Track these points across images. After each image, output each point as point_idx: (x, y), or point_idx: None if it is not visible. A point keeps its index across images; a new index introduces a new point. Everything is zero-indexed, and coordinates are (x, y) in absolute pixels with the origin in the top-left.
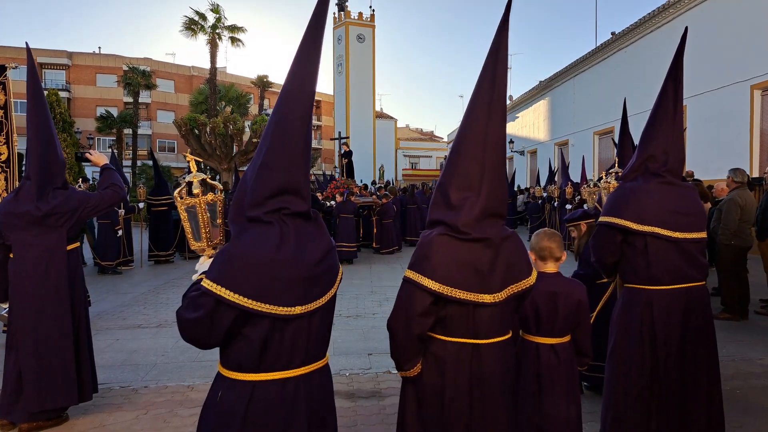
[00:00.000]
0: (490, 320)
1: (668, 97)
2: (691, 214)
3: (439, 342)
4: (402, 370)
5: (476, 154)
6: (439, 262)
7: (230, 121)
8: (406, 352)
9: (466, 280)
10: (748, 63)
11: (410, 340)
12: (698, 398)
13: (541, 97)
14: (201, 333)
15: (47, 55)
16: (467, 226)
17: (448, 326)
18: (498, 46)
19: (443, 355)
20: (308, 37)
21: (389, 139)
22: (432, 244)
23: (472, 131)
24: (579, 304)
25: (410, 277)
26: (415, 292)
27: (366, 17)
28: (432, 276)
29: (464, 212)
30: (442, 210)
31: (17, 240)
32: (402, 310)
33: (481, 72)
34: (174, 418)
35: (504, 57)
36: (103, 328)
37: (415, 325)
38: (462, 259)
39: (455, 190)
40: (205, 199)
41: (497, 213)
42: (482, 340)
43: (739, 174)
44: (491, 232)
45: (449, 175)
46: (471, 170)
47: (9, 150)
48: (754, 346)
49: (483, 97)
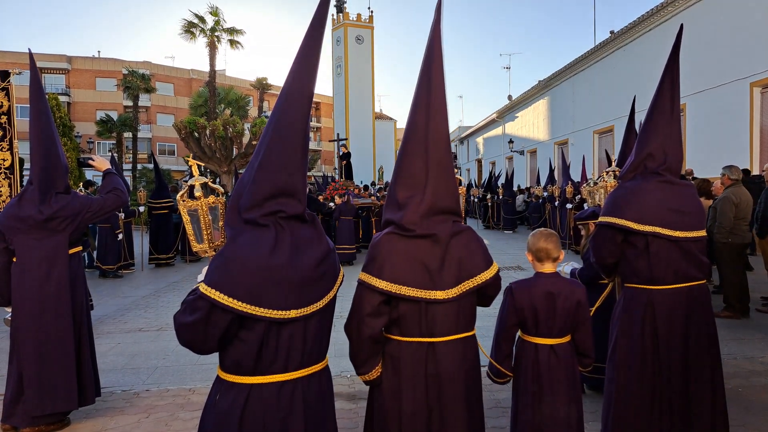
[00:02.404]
0: (445, 318)
1: (665, 95)
2: (691, 213)
3: (395, 343)
4: (360, 374)
5: (419, 152)
6: (387, 261)
7: (230, 123)
8: (361, 355)
9: (415, 277)
10: (747, 60)
11: (363, 342)
12: (702, 397)
13: (541, 97)
14: (196, 336)
15: (47, 59)
16: (412, 223)
17: (402, 326)
18: (432, 43)
19: (399, 356)
20: (308, 40)
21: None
22: (380, 244)
23: (414, 131)
24: (578, 305)
25: (362, 279)
26: (365, 293)
27: (364, 18)
28: (380, 275)
29: (410, 210)
30: (391, 210)
31: (20, 244)
32: (354, 311)
33: (420, 71)
34: (175, 421)
35: (439, 53)
36: (104, 332)
37: (365, 326)
38: (410, 257)
39: (402, 189)
40: (207, 202)
41: (446, 210)
42: (438, 338)
43: (734, 171)
44: (439, 228)
45: (396, 176)
46: (415, 169)
47: (12, 156)
48: (756, 344)
49: (422, 97)
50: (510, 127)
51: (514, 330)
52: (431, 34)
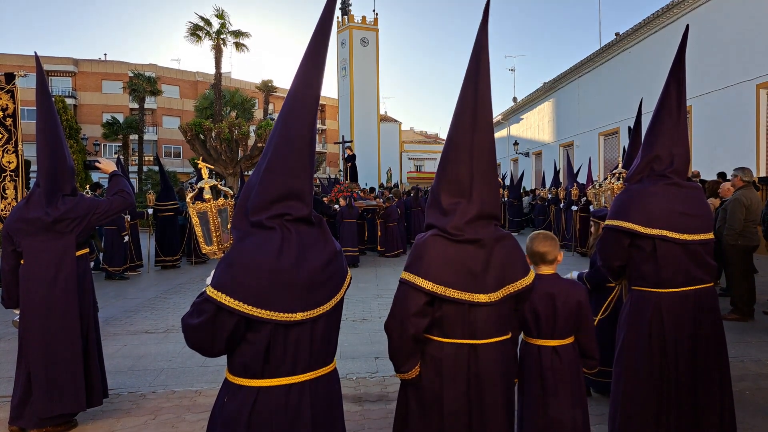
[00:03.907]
0: (487, 320)
1: (671, 96)
2: (698, 216)
3: (436, 343)
4: (400, 372)
5: (464, 160)
6: (433, 262)
7: (235, 126)
8: (403, 353)
9: (460, 280)
10: (753, 62)
11: (406, 341)
12: (709, 400)
13: (546, 99)
14: (203, 339)
15: (53, 62)
16: (458, 228)
17: (444, 327)
18: (480, 49)
19: (440, 357)
20: (314, 43)
21: (394, 142)
22: (426, 246)
23: (459, 139)
24: (579, 306)
25: (405, 278)
26: (409, 293)
27: (369, 21)
28: (426, 276)
29: (456, 217)
30: (435, 215)
31: (28, 246)
32: (397, 310)
33: (464, 79)
34: (182, 423)
35: (486, 62)
36: (110, 334)
37: (410, 325)
38: (455, 260)
39: (446, 195)
40: (216, 204)
41: (490, 215)
42: (479, 340)
43: (747, 173)
44: (484, 233)
45: (440, 182)
46: (460, 177)
47: (18, 158)
48: (763, 346)
49: (468, 105)
50: (515, 129)
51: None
52: (476, 45)
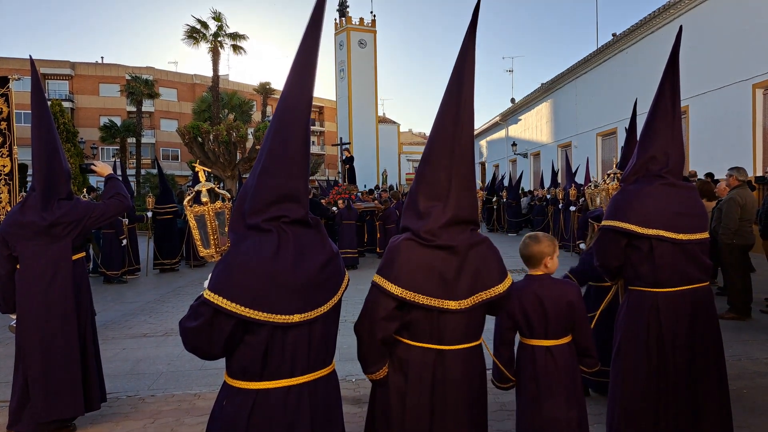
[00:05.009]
0: (456, 327)
1: (666, 97)
2: (694, 215)
3: (404, 345)
4: (368, 373)
5: (444, 164)
6: (403, 267)
7: (233, 128)
8: (371, 356)
9: (430, 285)
10: (749, 62)
11: (374, 343)
12: (707, 399)
13: (544, 100)
14: (201, 341)
15: (50, 65)
16: (432, 233)
17: (413, 330)
18: (465, 52)
19: (407, 359)
20: (305, 43)
21: (392, 144)
22: (398, 249)
23: (440, 141)
24: (570, 305)
25: (376, 282)
26: (379, 297)
27: (367, 23)
28: (396, 281)
29: (431, 220)
30: (411, 217)
31: (23, 250)
32: (367, 313)
33: (449, 81)
34: (181, 426)
35: (471, 64)
36: (109, 338)
37: (379, 329)
38: (426, 265)
39: (423, 198)
40: (214, 207)
41: (466, 220)
42: (447, 346)
43: (742, 173)
44: (459, 239)
45: (418, 184)
46: (439, 179)
47: (12, 162)
48: (760, 345)
49: (451, 110)
50: (513, 130)
51: (511, 334)
52: (463, 49)
